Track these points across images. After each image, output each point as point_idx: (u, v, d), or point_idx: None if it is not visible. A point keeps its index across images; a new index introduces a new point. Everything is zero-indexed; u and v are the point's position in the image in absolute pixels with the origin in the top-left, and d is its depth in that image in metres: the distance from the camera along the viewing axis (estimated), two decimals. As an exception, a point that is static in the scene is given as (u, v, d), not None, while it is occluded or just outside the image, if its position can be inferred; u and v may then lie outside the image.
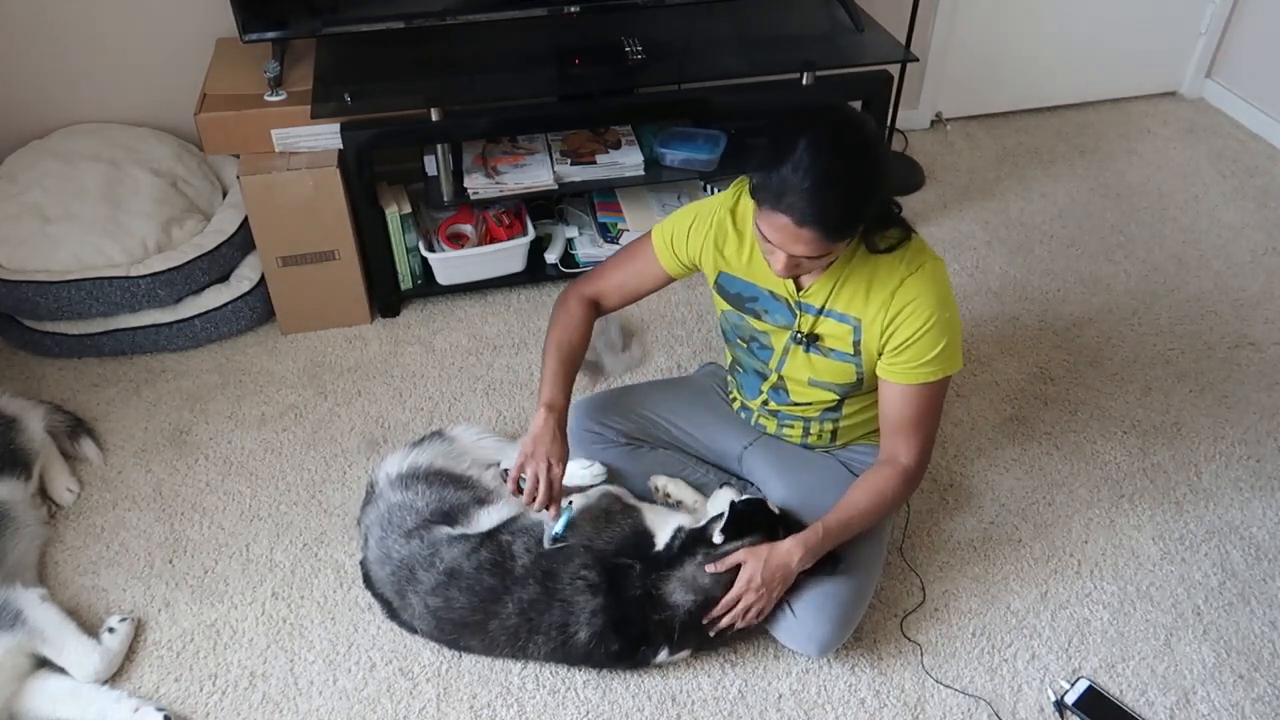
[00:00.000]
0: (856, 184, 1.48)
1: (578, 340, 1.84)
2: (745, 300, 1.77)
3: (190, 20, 2.58)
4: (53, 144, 2.56)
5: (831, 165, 1.45)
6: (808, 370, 1.76)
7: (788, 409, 1.86)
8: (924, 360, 1.63)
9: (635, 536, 1.77)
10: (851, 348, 1.68)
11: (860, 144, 1.50)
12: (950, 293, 1.65)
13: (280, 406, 2.35)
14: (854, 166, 1.48)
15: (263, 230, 2.38)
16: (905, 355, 1.63)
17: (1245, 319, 2.61)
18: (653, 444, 2.00)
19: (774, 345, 1.78)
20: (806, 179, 1.44)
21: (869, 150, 1.51)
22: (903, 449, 1.71)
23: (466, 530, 1.80)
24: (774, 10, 2.74)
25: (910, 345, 1.62)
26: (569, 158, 2.57)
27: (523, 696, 1.77)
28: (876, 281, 1.62)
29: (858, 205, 1.49)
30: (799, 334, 1.72)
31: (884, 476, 1.71)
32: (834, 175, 1.45)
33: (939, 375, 1.65)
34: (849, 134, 1.50)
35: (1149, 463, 2.21)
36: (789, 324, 1.73)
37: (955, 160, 3.27)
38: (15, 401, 2.16)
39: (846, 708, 1.75)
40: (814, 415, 1.85)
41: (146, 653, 1.84)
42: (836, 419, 1.85)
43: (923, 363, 1.63)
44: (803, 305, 1.69)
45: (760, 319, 1.77)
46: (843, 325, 1.67)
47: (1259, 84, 3.39)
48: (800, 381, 1.79)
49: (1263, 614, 1.91)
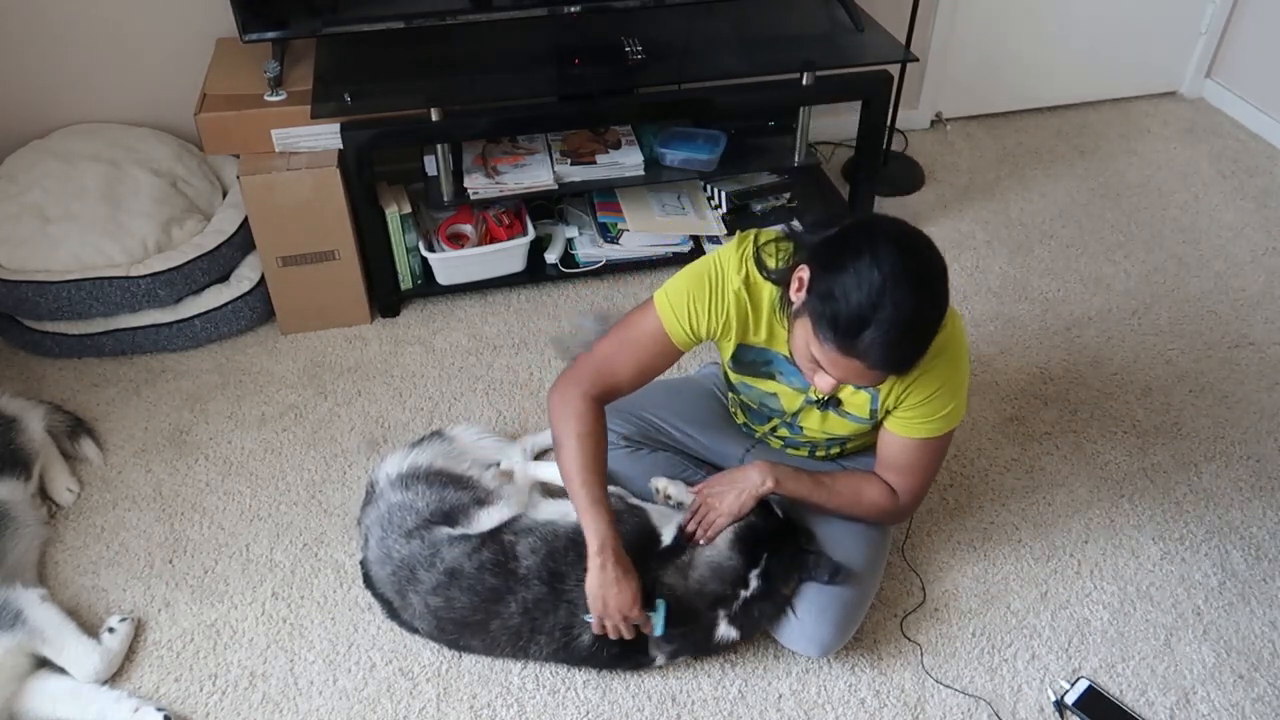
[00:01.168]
0: (936, 325, 1.38)
1: (604, 453, 1.66)
2: (761, 365, 1.70)
3: (190, 20, 2.58)
4: (53, 144, 2.56)
5: (918, 313, 1.34)
6: (821, 424, 1.76)
7: (796, 437, 1.86)
8: (932, 418, 1.62)
9: (642, 536, 1.77)
10: (869, 414, 1.68)
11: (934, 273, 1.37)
12: (964, 348, 1.61)
13: (280, 406, 2.35)
14: (936, 306, 1.37)
15: (263, 230, 2.38)
16: (913, 414, 1.62)
17: (1245, 319, 2.61)
18: (653, 446, 1.99)
19: (785, 406, 1.76)
20: (893, 330, 1.32)
21: (942, 280, 1.38)
22: (899, 484, 1.71)
23: (467, 531, 1.80)
24: (774, 10, 2.74)
25: (921, 406, 1.61)
26: (569, 158, 2.57)
27: (523, 696, 1.77)
28: None
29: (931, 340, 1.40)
30: (807, 397, 1.71)
31: (876, 487, 1.70)
32: (919, 323, 1.35)
33: (943, 430, 1.64)
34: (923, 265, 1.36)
35: (1149, 463, 2.21)
36: (804, 388, 1.70)
37: (955, 160, 3.27)
38: (15, 401, 2.16)
39: (846, 708, 1.75)
40: (820, 441, 1.85)
41: (146, 653, 1.84)
42: (844, 443, 1.85)
43: (930, 419, 1.62)
44: None
45: (775, 380, 1.73)
46: (862, 393, 1.65)
47: (1259, 84, 3.39)
48: (813, 428, 1.79)
49: (1263, 614, 1.91)
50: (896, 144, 3.24)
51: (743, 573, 1.70)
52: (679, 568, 1.71)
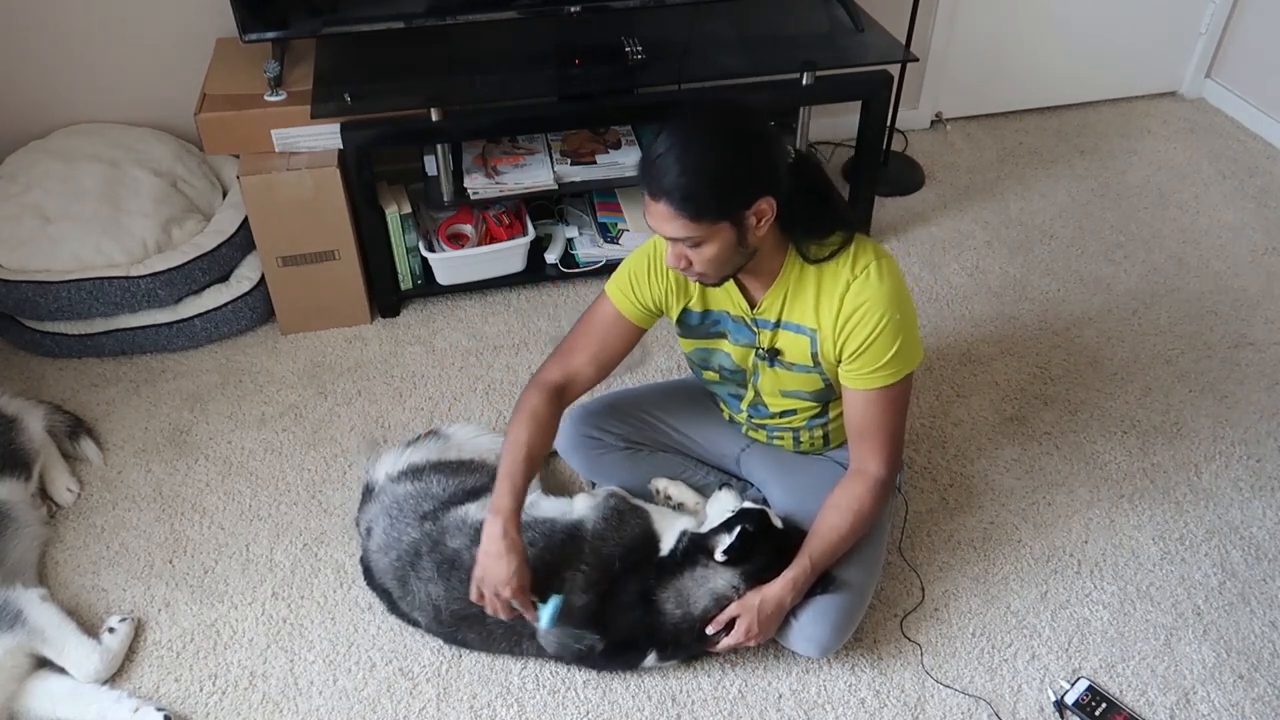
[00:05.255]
0: (712, 158, 1.46)
1: (538, 442, 1.69)
2: (708, 326, 1.76)
3: (190, 20, 2.58)
4: (53, 144, 2.56)
5: (687, 140, 1.46)
6: (777, 383, 1.77)
7: (773, 422, 1.87)
8: (880, 364, 1.62)
9: (644, 539, 1.77)
10: (810, 359, 1.68)
11: (727, 126, 1.49)
12: (901, 289, 1.62)
13: (280, 406, 2.35)
14: (710, 142, 1.47)
15: (263, 230, 2.38)
16: (860, 361, 1.62)
17: (1245, 319, 2.61)
18: (652, 447, 1.99)
19: (743, 365, 1.78)
20: (657, 151, 1.47)
21: (735, 132, 1.49)
22: (870, 458, 1.71)
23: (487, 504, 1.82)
24: (774, 10, 2.74)
25: (864, 351, 1.61)
26: (569, 158, 2.57)
27: (523, 696, 1.77)
28: (824, 290, 1.61)
29: (714, 181, 1.46)
30: (761, 350, 1.72)
31: (857, 494, 1.70)
32: (685, 147, 1.46)
33: (898, 377, 1.64)
34: (714, 117, 1.51)
35: (1149, 463, 2.21)
36: (751, 342, 1.73)
37: (955, 160, 3.27)
38: (15, 401, 2.16)
39: (846, 708, 1.75)
40: (800, 424, 1.85)
41: (146, 653, 1.84)
42: (825, 423, 1.85)
43: (878, 367, 1.62)
44: (759, 321, 1.69)
45: (725, 340, 1.76)
46: (800, 337, 1.67)
47: (1259, 84, 3.39)
48: (774, 395, 1.79)
49: (1263, 614, 1.91)
50: (896, 144, 3.24)
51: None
52: (679, 597, 1.70)
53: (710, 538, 1.72)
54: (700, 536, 1.74)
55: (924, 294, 2.68)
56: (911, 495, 2.11)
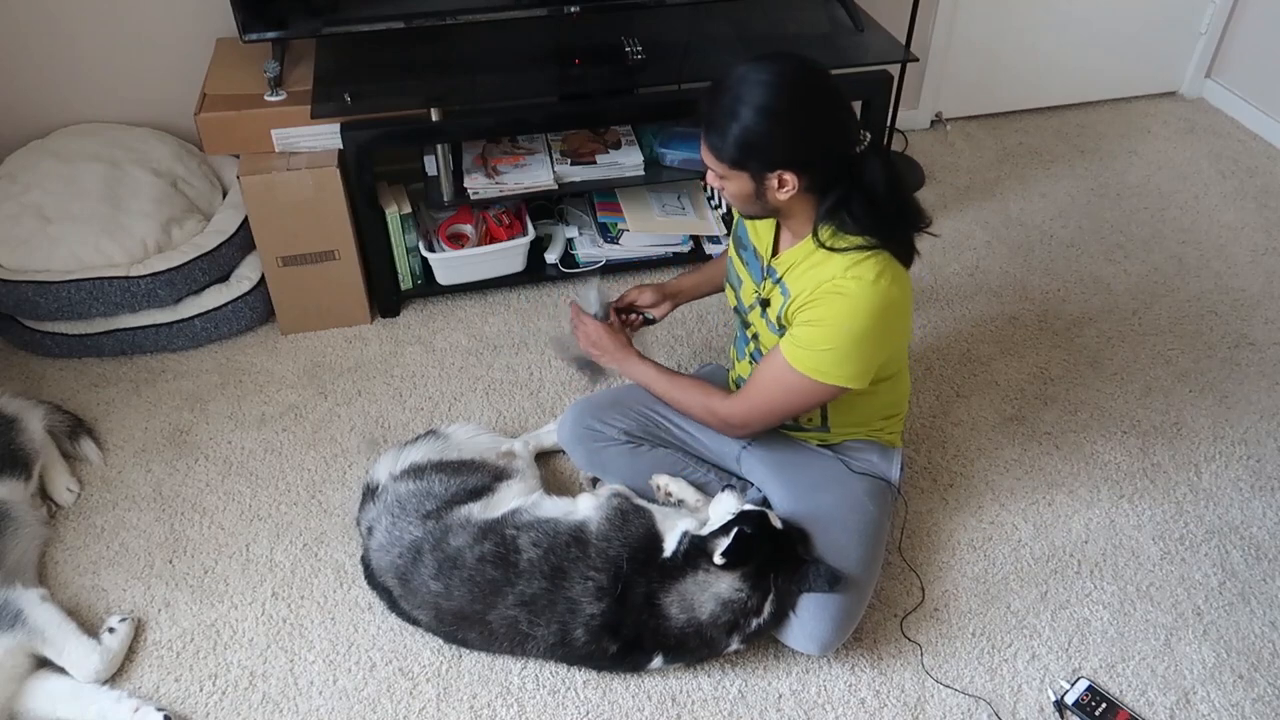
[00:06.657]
0: (750, 112, 1.49)
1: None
2: (746, 248, 1.85)
3: (190, 20, 2.58)
4: (53, 144, 2.56)
5: (745, 83, 1.49)
6: (764, 333, 1.80)
7: None
8: (803, 343, 1.63)
9: (647, 540, 1.77)
10: (778, 321, 1.71)
11: (783, 90, 1.49)
12: (881, 316, 1.59)
13: (280, 406, 2.35)
14: (758, 96, 1.49)
15: (263, 230, 2.38)
16: (795, 331, 1.66)
17: (1245, 319, 2.61)
18: (653, 443, 2.00)
19: (748, 302, 1.84)
20: (727, 78, 1.50)
21: (789, 99, 1.50)
22: (739, 402, 1.76)
23: (489, 503, 1.85)
24: (774, 10, 2.74)
25: (803, 324, 1.63)
26: (569, 158, 2.57)
27: (523, 696, 1.77)
28: (823, 272, 1.62)
29: (742, 130, 1.50)
30: (759, 294, 1.77)
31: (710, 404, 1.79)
32: (738, 89, 1.49)
33: (809, 371, 1.64)
34: (779, 74, 1.50)
35: (1149, 463, 2.21)
36: (758, 284, 1.79)
37: (955, 160, 3.27)
38: (15, 401, 2.16)
39: (846, 708, 1.75)
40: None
41: (146, 653, 1.84)
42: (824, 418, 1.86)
43: (797, 343, 1.64)
44: (770, 269, 1.74)
45: (747, 269, 1.84)
46: (782, 297, 1.70)
47: (1259, 84, 3.39)
48: (765, 345, 1.82)
49: (1263, 614, 1.91)
50: (896, 144, 3.24)
51: (757, 602, 1.69)
52: (683, 601, 1.70)
53: (710, 540, 1.72)
54: (701, 539, 1.74)
55: (924, 294, 2.68)
56: (911, 495, 2.11)
